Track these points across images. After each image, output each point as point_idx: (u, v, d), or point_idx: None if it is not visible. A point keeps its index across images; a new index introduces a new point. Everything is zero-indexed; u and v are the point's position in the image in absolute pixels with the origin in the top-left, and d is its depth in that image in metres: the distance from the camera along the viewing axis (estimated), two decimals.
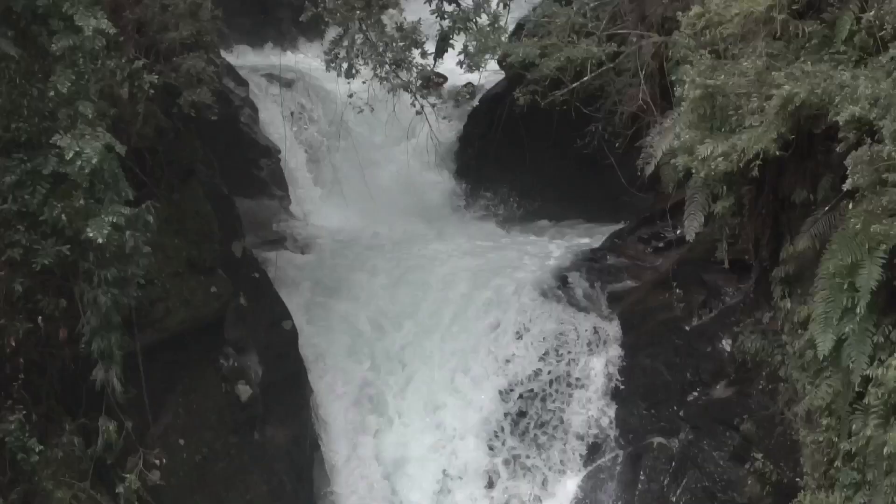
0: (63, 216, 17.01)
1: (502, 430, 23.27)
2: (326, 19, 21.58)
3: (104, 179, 17.28)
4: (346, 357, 24.52)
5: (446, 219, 30.07)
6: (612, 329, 23.40)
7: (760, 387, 20.29)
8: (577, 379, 23.20)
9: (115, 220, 17.03)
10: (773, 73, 16.29)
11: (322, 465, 23.58)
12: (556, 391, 23.24)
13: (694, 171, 16.87)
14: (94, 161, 16.64)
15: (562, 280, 24.64)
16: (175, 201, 21.16)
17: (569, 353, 23.39)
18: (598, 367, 23.16)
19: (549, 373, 23.34)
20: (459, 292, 24.98)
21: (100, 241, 16.88)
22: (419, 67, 21.79)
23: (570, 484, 22.77)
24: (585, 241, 27.34)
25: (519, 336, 23.72)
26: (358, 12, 21.22)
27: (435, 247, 27.27)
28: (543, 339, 23.58)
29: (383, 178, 30.27)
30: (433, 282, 25.48)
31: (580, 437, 22.94)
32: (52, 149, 16.94)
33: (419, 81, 21.92)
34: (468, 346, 24.05)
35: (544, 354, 23.47)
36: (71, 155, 16.60)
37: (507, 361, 23.57)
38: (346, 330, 24.92)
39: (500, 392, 23.38)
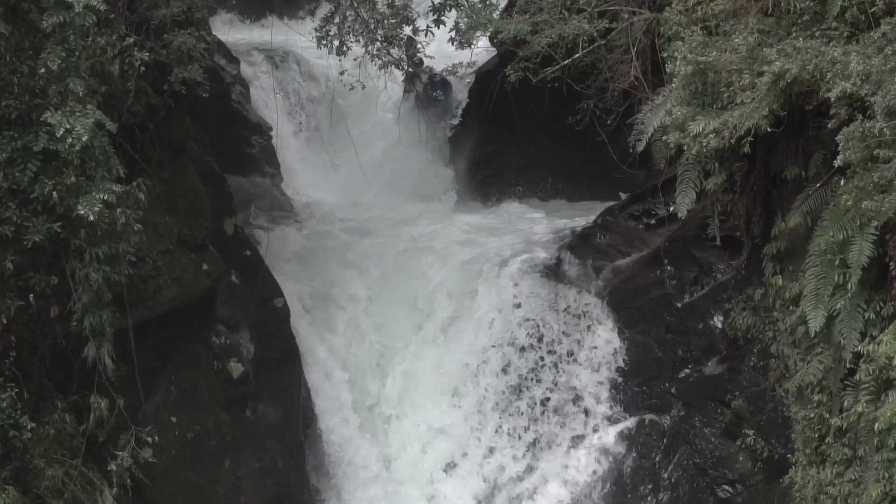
0: (54, 193, 16.91)
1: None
2: None
3: (95, 157, 17.20)
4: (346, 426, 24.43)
5: (438, 198, 30.04)
6: (604, 306, 23.41)
7: (752, 363, 20.31)
8: (570, 353, 23.26)
9: (106, 198, 16.93)
10: (764, 49, 16.27)
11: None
12: (550, 366, 23.38)
13: (685, 147, 16.86)
14: (85, 138, 16.54)
15: (553, 262, 24.62)
16: (166, 178, 21.09)
17: (559, 333, 23.52)
18: (589, 345, 23.19)
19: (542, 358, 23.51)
20: (441, 321, 24.74)
21: (91, 218, 16.79)
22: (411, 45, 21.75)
23: (562, 461, 22.84)
24: (577, 218, 27.33)
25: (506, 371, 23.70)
26: None
27: (425, 233, 27.21)
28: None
29: (376, 157, 30.23)
30: (421, 295, 25.28)
31: (572, 404, 23.04)
32: (42, 126, 16.83)
33: (411, 58, 21.87)
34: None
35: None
36: (61, 132, 16.49)
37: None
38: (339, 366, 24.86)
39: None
